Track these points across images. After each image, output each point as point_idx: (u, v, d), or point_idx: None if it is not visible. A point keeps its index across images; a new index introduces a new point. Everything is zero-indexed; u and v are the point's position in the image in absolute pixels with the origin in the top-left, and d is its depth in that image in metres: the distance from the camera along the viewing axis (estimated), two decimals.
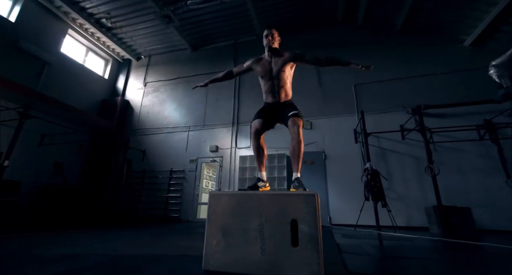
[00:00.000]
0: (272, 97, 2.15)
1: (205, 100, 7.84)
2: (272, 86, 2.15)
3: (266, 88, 2.17)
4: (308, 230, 1.26)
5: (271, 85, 2.15)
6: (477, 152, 4.84)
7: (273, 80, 2.15)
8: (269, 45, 2.17)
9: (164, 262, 1.64)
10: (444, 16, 5.80)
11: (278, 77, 2.13)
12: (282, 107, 2.12)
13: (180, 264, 1.59)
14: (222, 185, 6.56)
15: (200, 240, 2.84)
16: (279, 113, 2.13)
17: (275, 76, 2.14)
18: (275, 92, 2.14)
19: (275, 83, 2.14)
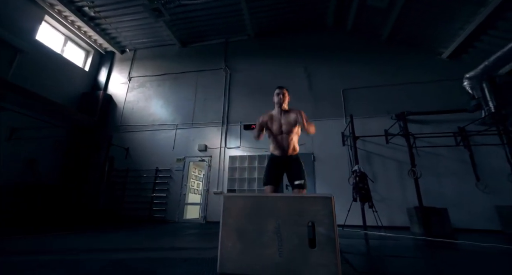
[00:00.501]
0: (280, 151, 2.28)
1: (193, 98, 7.69)
2: (281, 141, 2.27)
3: (276, 142, 2.30)
4: (325, 232, 1.31)
5: (280, 140, 2.27)
6: (452, 157, 5.26)
7: (283, 135, 2.27)
8: (280, 103, 2.33)
9: (172, 265, 1.60)
10: (425, 30, 6.22)
11: (288, 133, 2.26)
12: (289, 161, 2.26)
13: (191, 267, 1.56)
14: (210, 185, 6.47)
15: (195, 241, 2.81)
16: (286, 165, 2.27)
17: (285, 132, 2.26)
18: (284, 147, 2.26)
19: (284, 138, 2.26)
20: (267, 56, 7.69)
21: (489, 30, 5.37)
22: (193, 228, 4.54)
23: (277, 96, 2.36)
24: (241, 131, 6.88)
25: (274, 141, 2.32)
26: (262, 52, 7.80)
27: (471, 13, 5.31)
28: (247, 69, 7.69)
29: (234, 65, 7.84)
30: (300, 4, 7.04)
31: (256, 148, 6.53)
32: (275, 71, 7.41)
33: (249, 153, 6.48)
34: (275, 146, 2.31)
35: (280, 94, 2.35)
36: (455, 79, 5.72)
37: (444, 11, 5.59)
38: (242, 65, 7.79)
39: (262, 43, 7.96)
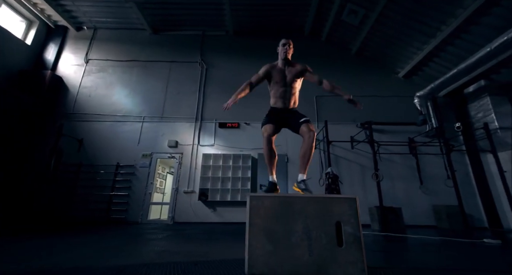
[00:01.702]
0: (282, 103, 2.24)
1: (165, 90, 7.18)
2: (284, 93, 2.24)
3: (278, 94, 2.25)
4: (352, 231, 1.41)
5: (283, 91, 2.24)
6: (403, 164, 6.12)
7: (286, 87, 2.24)
8: (286, 54, 2.26)
9: (188, 271, 1.49)
10: (387, 50, 7.07)
11: (291, 85, 2.25)
12: (290, 113, 2.23)
13: (211, 271, 1.48)
14: (180, 184, 6.14)
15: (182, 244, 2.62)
16: (286, 118, 2.22)
17: (289, 84, 2.24)
18: (286, 99, 2.23)
19: (288, 90, 2.24)
20: (245, 55, 7.66)
21: (434, 58, 6.40)
22: (163, 230, 4.24)
23: (283, 47, 2.26)
24: (216, 129, 6.71)
25: (276, 93, 2.25)
26: (240, 51, 7.75)
27: (423, 42, 6.25)
28: (224, 66, 7.54)
29: (211, 61, 7.60)
30: (281, 10, 7.24)
31: (231, 147, 6.46)
32: (253, 71, 7.35)
33: (224, 152, 6.36)
34: (277, 98, 2.24)
35: (286, 45, 2.25)
36: (408, 96, 6.67)
37: (403, 37, 6.45)
38: (219, 61, 7.60)
39: (240, 41, 7.90)
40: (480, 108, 5.82)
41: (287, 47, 2.27)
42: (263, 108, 7.46)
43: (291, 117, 2.21)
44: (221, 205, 5.91)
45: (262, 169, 6.10)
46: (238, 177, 6.03)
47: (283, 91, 2.24)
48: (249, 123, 6.75)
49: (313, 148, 2.06)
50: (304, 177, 2.03)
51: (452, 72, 5.63)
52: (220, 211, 5.88)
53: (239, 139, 6.58)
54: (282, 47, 2.28)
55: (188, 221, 5.76)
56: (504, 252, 2.61)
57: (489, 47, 4.80)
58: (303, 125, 2.11)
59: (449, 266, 1.81)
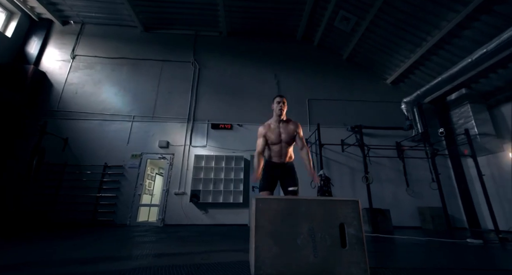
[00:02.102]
0: (278, 159, 2.35)
1: (156, 90, 7.04)
2: (280, 150, 2.34)
3: (275, 151, 2.35)
4: (355, 232, 1.45)
5: (279, 149, 2.34)
6: (391, 167, 6.35)
7: (281, 144, 2.33)
8: (281, 113, 2.37)
9: (196, 274, 1.48)
10: (376, 57, 7.33)
11: (287, 143, 2.34)
12: (285, 168, 2.36)
13: (215, 273, 1.47)
14: (171, 185, 6.02)
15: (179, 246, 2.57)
16: (281, 172, 2.35)
17: (284, 141, 2.33)
18: (282, 155, 2.35)
19: (283, 147, 2.34)
20: (238, 57, 7.68)
21: (420, 67, 6.72)
22: (155, 232, 4.14)
23: (277, 104, 2.38)
24: (208, 130, 6.66)
25: (272, 149, 2.34)
26: (233, 52, 7.75)
27: (410, 51, 6.54)
28: (217, 67, 7.51)
29: (204, 61, 7.55)
30: (275, 13, 7.33)
31: (224, 148, 6.43)
32: (246, 73, 7.47)
33: (216, 153, 6.32)
34: (273, 155, 2.34)
35: (280, 103, 2.37)
36: (396, 102, 6.95)
37: (392, 45, 6.72)
38: (212, 62, 7.57)
39: (234, 43, 7.91)
40: (461, 115, 6.16)
41: (281, 105, 2.37)
42: (256, 109, 7.53)
43: (284, 176, 2.34)
44: (213, 207, 5.85)
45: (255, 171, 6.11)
46: (231, 178, 6.01)
47: (279, 149, 2.34)
48: (242, 125, 6.75)
49: None
50: None
51: (436, 80, 5.93)
52: (212, 213, 5.83)
53: (231, 140, 6.57)
54: (277, 105, 2.38)
55: (179, 223, 5.66)
56: (486, 251, 2.77)
57: (470, 58, 5.10)
58: (290, 193, 2.28)
59: (444, 265, 1.91)
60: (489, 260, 2.30)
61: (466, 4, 4.94)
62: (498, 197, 5.48)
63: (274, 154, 2.34)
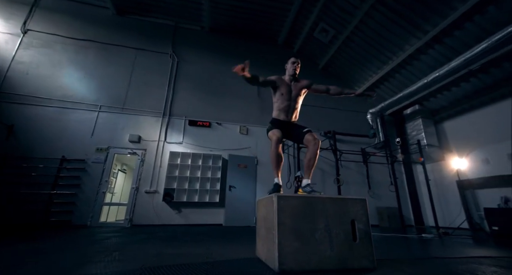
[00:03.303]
0: (285, 116, 2.39)
1: (128, 80, 6.49)
2: (288, 107, 2.40)
3: (283, 107, 2.39)
4: (364, 227, 1.61)
5: (287, 105, 2.39)
6: (356, 170, 6.98)
7: (290, 102, 2.41)
8: (295, 70, 2.47)
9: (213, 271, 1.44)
10: (349, 69, 8.01)
11: (295, 100, 2.43)
12: (292, 125, 2.40)
13: (233, 270, 1.47)
14: (141, 183, 5.61)
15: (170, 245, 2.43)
16: (289, 130, 2.37)
17: (293, 98, 2.42)
18: (289, 112, 2.40)
19: (292, 105, 2.41)
20: (219, 54, 7.56)
21: (385, 82, 7.56)
22: (131, 233, 3.82)
23: (292, 64, 2.44)
24: (185, 126, 6.40)
25: (280, 105, 2.38)
26: (215, 49, 7.61)
27: (378, 67, 7.32)
28: (197, 63, 7.27)
29: (183, 54, 7.24)
30: (260, 16, 7.44)
31: (201, 146, 6.25)
32: (227, 72, 7.38)
33: (193, 151, 6.11)
34: (280, 110, 2.36)
35: (295, 63, 2.46)
36: (363, 112, 7.67)
37: (363, 61, 7.42)
38: (193, 56, 7.30)
39: (216, 39, 7.77)
40: (414, 127, 7.12)
41: (296, 64, 2.47)
42: (236, 109, 7.52)
43: (294, 129, 2.37)
44: (187, 206, 5.64)
45: (232, 170, 6.09)
46: (208, 177, 5.87)
47: (287, 104, 2.39)
48: (221, 123, 6.66)
49: (317, 155, 2.23)
50: (308, 182, 2.18)
51: (398, 96, 6.75)
52: (185, 213, 5.61)
53: (209, 138, 6.43)
54: (292, 64, 2.47)
55: (149, 223, 5.30)
56: (438, 242, 3.29)
57: (426, 79, 5.95)
58: (307, 134, 2.28)
59: (420, 256, 2.21)
60: (445, 249, 2.74)
61: (426, 32, 5.76)
62: (439, 199, 6.48)
63: (281, 109, 2.34)
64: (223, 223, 5.63)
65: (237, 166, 6.17)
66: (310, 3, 6.73)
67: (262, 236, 1.76)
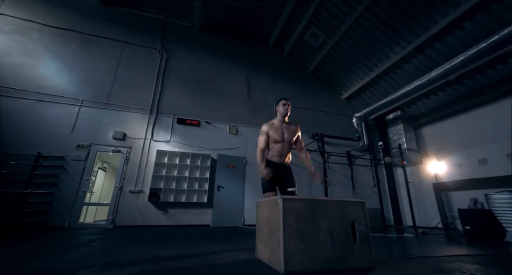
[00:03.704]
0: (279, 158, 2.47)
1: (114, 74, 6.20)
2: (282, 150, 2.47)
3: (276, 150, 2.46)
4: (363, 229, 1.67)
5: (281, 148, 2.46)
6: (342, 172, 7.21)
7: (284, 144, 2.47)
8: (286, 113, 2.52)
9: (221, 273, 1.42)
10: (337, 74, 8.25)
11: (289, 143, 2.50)
12: (284, 168, 2.49)
13: (240, 272, 1.46)
14: (126, 182, 5.37)
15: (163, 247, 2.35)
16: (281, 172, 2.46)
17: (287, 141, 2.48)
18: (283, 155, 2.49)
19: (285, 147, 2.48)
20: (210, 52, 7.47)
21: (370, 88, 7.88)
22: (113, 235, 3.64)
23: (283, 107, 2.51)
24: (173, 124, 6.23)
25: (273, 148, 2.45)
26: (206, 47, 7.49)
27: (363, 73, 7.62)
28: (187, 60, 7.11)
29: (173, 50, 7.05)
30: (253, 16, 7.44)
31: (189, 145, 6.12)
32: (217, 71, 7.32)
33: (181, 150, 5.96)
34: (275, 153, 2.45)
35: (286, 105, 2.52)
36: (349, 116, 7.94)
37: (350, 66, 7.69)
38: (182, 53, 7.13)
39: (207, 37, 7.65)
40: (395, 132, 7.50)
41: (287, 106, 2.52)
42: (226, 108, 7.45)
43: (283, 176, 2.45)
44: (174, 206, 5.49)
45: (221, 170, 6.04)
46: (196, 177, 5.76)
47: (281, 148, 2.45)
48: (210, 122, 6.57)
49: None
50: None
51: (382, 102, 7.06)
52: (172, 213, 5.46)
53: (198, 137, 6.32)
54: (283, 106, 2.52)
55: (133, 224, 5.10)
56: (420, 241, 3.49)
57: (408, 87, 6.29)
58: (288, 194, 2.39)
59: (409, 255, 2.33)
60: (428, 248, 2.92)
61: (409, 42, 6.09)
62: (416, 200, 6.88)
63: (275, 153, 2.43)
64: (210, 223, 5.55)
65: (225, 166, 6.12)
66: (302, 7, 6.85)
67: (264, 237, 1.77)
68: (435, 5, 5.23)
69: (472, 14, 4.94)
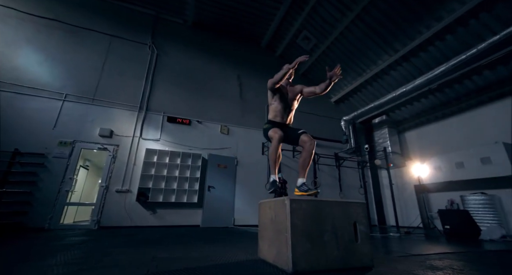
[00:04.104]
0: (281, 118, 2.48)
1: (101, 68, 5.94)
2: (284, 110, 2.50)
3: (280, 109, 2.48)
4: (364, 229, 1.74)
5: (284, 108, 2.50)
6: (329, 173, 7.40)
7: (287, 105, 2.51)
8: (291, 76, 2.58)
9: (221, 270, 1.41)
10: (325, 78, 8.43)
11: (291, 103, 2.54)
12: (287, 128, 2.49)
13: (247, 273, 1.46)
14: (112, 181, 5.16)
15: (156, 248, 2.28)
16: (284, 132, 2.41)
17: (289, 102, 2.53)
18: (285, 115, 2.50)
19: (287, 108, 2.52)
20: (203, 51, 7.37)
21: (358, 93, 8.16)
22: (100, 236, 3.48)
23: None
24: (164, 122, 6.08)
25: (276, 108, 2.47)
26: (198, 45, 7.39)
27: (352, 78, 7.87)
28: (178, 57, 6.97)
29: (164, 47, 6.88)
30: (246, 17, 7.44)
31: (180, 144, 6.00)
32: (209, 70, 7.24)
33: (171, 149, 5.83)
34: (277, 112, 2.46)
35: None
36: (337, 119, 8.16)
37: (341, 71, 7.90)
38: (174, 50, 6.98)
39: (198, 35, 7.55)
40: (381, 136, 7.82)
41: (292, 70, 2.52)
42: (217, 108, 7.39)
43: (289, 131, 2.44)
44: (163, 206, 5.35)
45: (212, 170, 5.97)
46: (186, 177, 5.66)
47: (284, 107, 2.48)
48: (202, 122, 6.49)
49: (312, 154, 2.34)
50: (304, 181, 2.27)
51: (369, 106, 7.34)
52: (161, 214, 5.32)
53: (189, 136, 6.21)
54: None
55: (119, 225, 4.91)
56: (406, 240, 3.67)
57: (394, 93, 6.59)
58: (303, 135, 2.38)
59: (401, 253, 2.45)
60: (416, 247, 3.07)
61: (396, 51, 6.39)
62: (399, 201, 7.21)
63: (278, 111, 2.44)
64: (200, 224, 5.47)
65: (216, 166, 6.06)
66: (296, 10, 6.96)
67: (269, 238, 1.78)
68: (420, 18, 5.53)
69: (453, 28, 5.28)
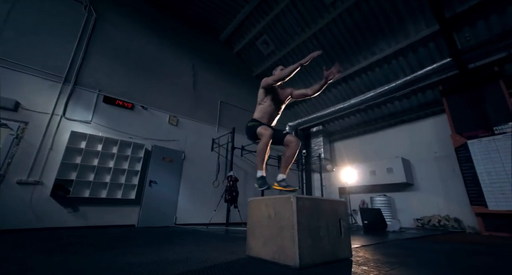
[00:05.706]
0: (267, 120, 2.51)
1: (5, 15, 4.39)
2: (273, 112, 2.54)
3: (269, 110, 2.50)
4: (346, 225, 1.94)
5: (273, 110, 2.53)
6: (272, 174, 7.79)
7: (277, 106, 2.55)
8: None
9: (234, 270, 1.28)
10: None
11: (281, 106, 2.61)
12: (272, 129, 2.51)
13: (252, 271, 1.37)
14: (12, 169, 3.85)
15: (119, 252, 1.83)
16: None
17: (280, 104, 2.58)
18: (272, 117, 2.54)
19: (277, 110, 2.57)
20: (155, 29, 6.52)
21: (303, 103, 9.01)
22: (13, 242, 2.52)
23: (281, 71, 2.49)
24: (98, 102, 5.02)
25: (265, 109, 2.46)
26: (150, 22, 6.49)
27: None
28: (124, 28, 5.93)
29: (104, 12, 5.70)
30: (209, 5, 7.07)
31: (118, 131, 5.08)
32: (161, 53, 6.47)
33: (106, 135, 4.86)
34: (265, 114, 2.45)
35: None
36: (283, 123, 8.75)
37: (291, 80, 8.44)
38: (118, 19, 5.88)
39: (154, 11, 6.65)
40: (317, 143, 8.87)
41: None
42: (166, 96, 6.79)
43: (275, 131, 2.46)
44: (89, 203, 4.38)
45: (155, 163, 5.33)
46: (123, 169, 4.82)
47: (273, 109, 2.51)
48: (147, 108, 5.71)
49: (296, 154, 2.44)
50: (284, 177, 2.35)
51: (311, 116, 8.23)
52: (84, 212, 4.33)
53: (130, 123, 5.34)
54: (281, 71, 2.52)
55: (20, 227, 3.71)
56: None
57: (334, 108, 7.63)
58: (288, 135, 2.47)
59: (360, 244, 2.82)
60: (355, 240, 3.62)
61: None
62: None
63: (266, 113, 2.43)
64: (136, 223, 4.77)
65: (161, 159, 5.45)
66: (260, 14, 7.10)
67: (266, 235, 1.74)
68: (361, 48, 6.66)
69: (381, 63, 6.59)
